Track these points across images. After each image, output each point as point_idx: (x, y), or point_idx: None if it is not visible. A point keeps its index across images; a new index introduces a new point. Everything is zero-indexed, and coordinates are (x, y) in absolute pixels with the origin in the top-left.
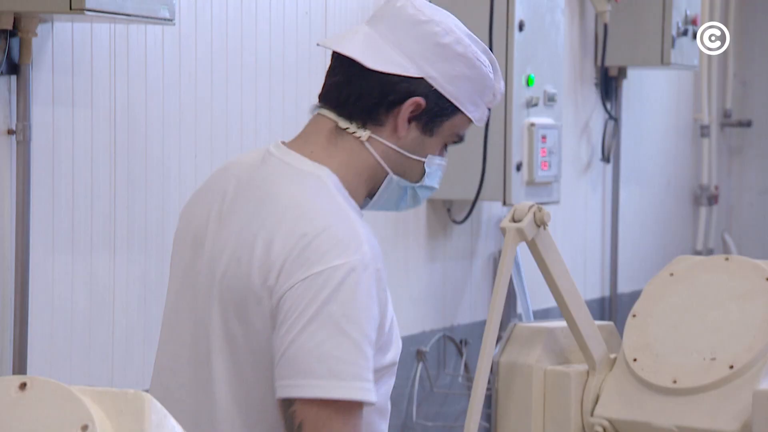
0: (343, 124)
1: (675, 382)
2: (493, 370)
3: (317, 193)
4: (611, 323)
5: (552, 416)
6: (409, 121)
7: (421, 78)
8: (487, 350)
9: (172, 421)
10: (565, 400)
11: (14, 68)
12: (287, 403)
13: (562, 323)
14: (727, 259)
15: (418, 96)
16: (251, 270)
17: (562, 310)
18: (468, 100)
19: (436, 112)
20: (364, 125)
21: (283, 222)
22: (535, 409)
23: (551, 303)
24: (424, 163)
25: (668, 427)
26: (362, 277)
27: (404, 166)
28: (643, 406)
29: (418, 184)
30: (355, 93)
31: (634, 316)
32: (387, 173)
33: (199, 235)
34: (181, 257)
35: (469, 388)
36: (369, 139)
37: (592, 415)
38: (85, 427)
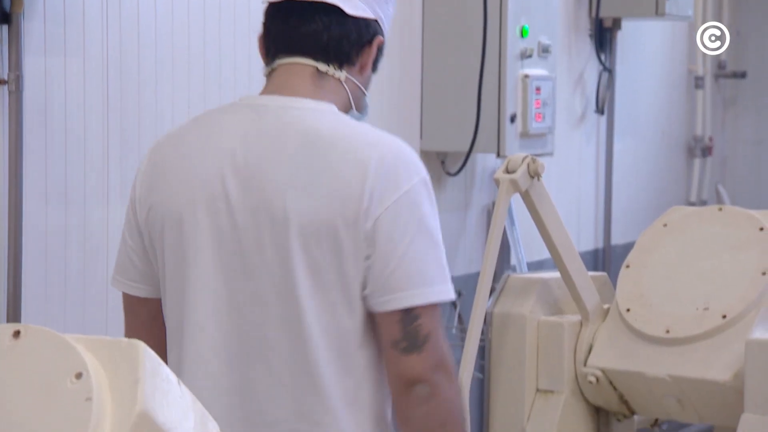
0: (322, 67)
1: (668, 332)
2: (487, 321)
3: (350, 123)
4: (604, 274)
5: (545, 366)
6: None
7: (376, 19)
8: (481, 301)
9: (167, 370)
10: (558, 350)
11: (6, 17)
12: (407, 314)
13: (556, 274)
14: (720, 209)
15: (379, 35)
16: (332, 201)
17: (555, 260)
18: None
19: (382, 50)
20: (340, 67)
21: (348, 152)
22: (529, 360)
23: (545, 255)
24: (366, 96)
25: (661, 377)
26: (431, 188)
27: (359, 102)
28: (636, 356)
29: (363, 117)
30: (335, 38)
31: (627, 266)
32: (352, 108)
33: (217, 195)
34: (197, 222)
35: (463, 339)
36: (345, 79)
37: (585, 365)
38: (79, 375)
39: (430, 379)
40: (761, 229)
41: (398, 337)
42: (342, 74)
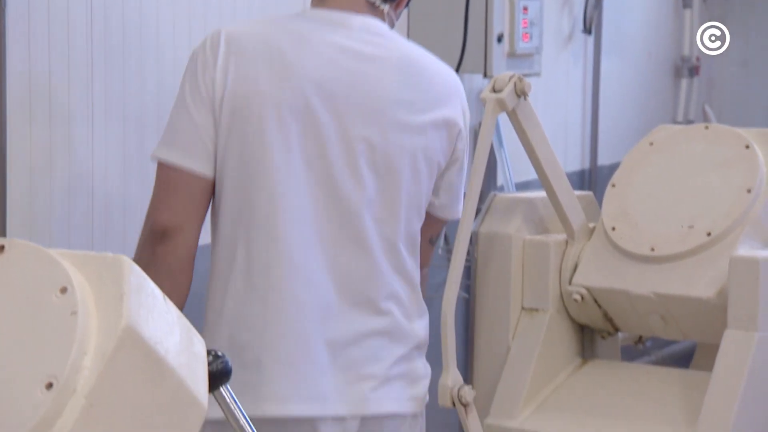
0: None
1: (653, 249)
2: (473, 241)
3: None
4: (590, 193)
5: (531, 285)
6: None
7: None
8: (467, 221)
9: (152, 285)
10: (543, 269)
11: None
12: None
13: (542, 193)
14: (707, 127)
15: None
16: (437, 120)
17: (541, 179)
18: None
19: None
20: (384, 1)
21: (438, 74)
22: (514, 279)
23: (532, 175)
24: None
25: (645, 294)
26: None
27: None
28: (621, 274)
29: None
30: None
31: (613, 185)
32: None
33: (309, 107)
34: (286, 125)
35: (449, 259)
36: (387, 12)
37: (570, 283)
38: (64, 290)
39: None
40: (747, 146)
41: (435, 237)
42: (386, 7)
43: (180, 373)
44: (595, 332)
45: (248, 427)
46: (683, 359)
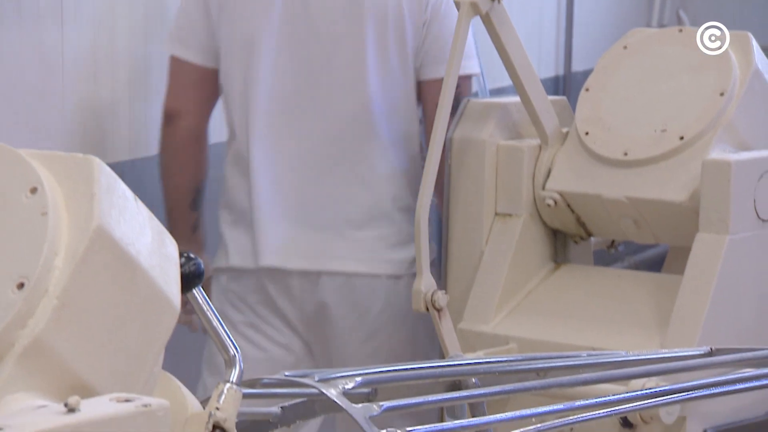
0: None
1: (626, 154)
2: (447, 146)
3: None
4: (564, 98)
5: (504, 190)
6: None
7: None
8: (440, 126)
9: (123, 186)
10: (517, 174)
11: None
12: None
13: (516, 99)
14: (681, 30)
15: None
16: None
17: (515, 84)
18: None
19: None
20: None
21: None
22: (488, 184)
23: (506, 81)
24: None
25: (618, 198)
26: None
27: None
28: (594, 179)
29: None
30: None
31: (587, 89)
32: None
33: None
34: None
35: (423, 166)
36: None
37: (543, 188)
38: (33, 190)
39: None
40: None
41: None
42: None
43: (152, 275)
44: (568, 237)
45: (221, 328)
46: (655, 265)
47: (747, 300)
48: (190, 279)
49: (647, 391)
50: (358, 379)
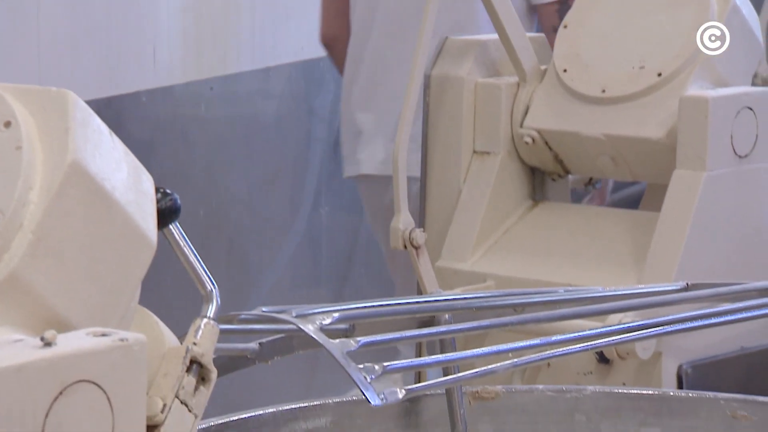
0: None
1: (604, 91)
2: (425, 84)
3: None
4: (542, 35)
5: (482, 128)
6: None
7: None
8: (418, 64)
9: (98, 120)
10: (495, 111)
11: None
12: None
13: (494, 36)
14: None
15: None
16: None
17: (493, 21)
18: None
19: None
20: None
21: None
22: (466, 122)
23: None
24: None
25: (596, 136)
26: None
27: None
28: (571, 116)
29: None
30: None
31: (565, 26)
32: None
33: None
34: None
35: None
36: None
37: (521, 126)
38: (7, 124)
39: None
40: None
41: (557, 24)
42: None
43: (128, 210)
44: (546, 175)
45: (198, 264)
46: (633, 205)
47: (723, 236)
48: (166, 214)
49: (623, 326)
50: (336, 315)
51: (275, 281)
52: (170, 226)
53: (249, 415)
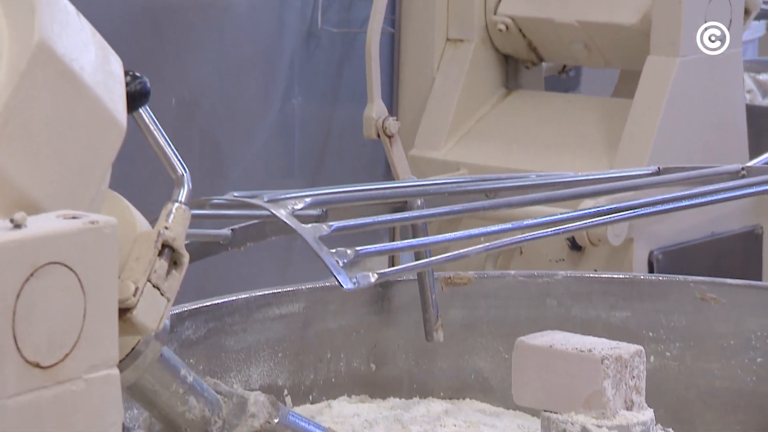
0: None
1: None
2: None
3: None
4: None
5: (456, 15)
6: None
7: None
8: None
9: (64, 0)
10: None
11: None
12: None
13: None
14: None
15: None
16: None
17: None
18: None
19: None
20: None
21: None
22: (439, 9)
23: None
24: None
25: (569, 23)
26: None
27: None
28: (545, 3)
29: None
30: None
31: None
32: None
33: None
34: None
35: None
36: None
37: (495, 13)
38: None
39: None
40: None
41: None
42: None
43: (96, 91)
44: (520, 62)
45: (168, 147)
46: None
47: (696, 121)
48: (136, 97)
49: (595, 209)
50: (308, 199)
51: (248, 171)
52: (140, 110)
53: (222, 300)
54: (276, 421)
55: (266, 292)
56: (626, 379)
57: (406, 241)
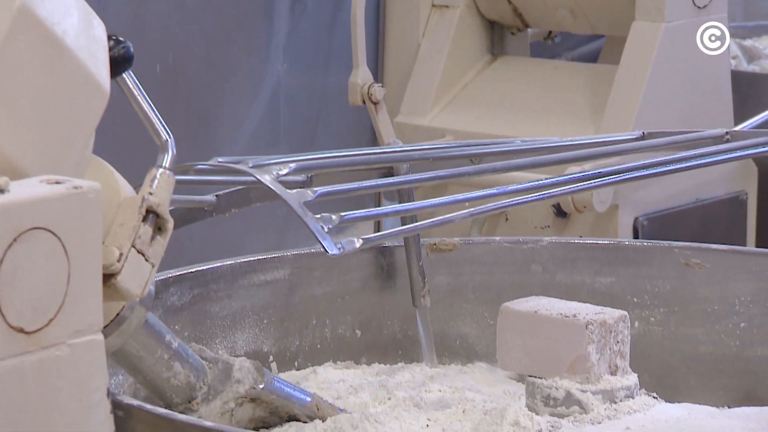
0: None
1: None
2: None
3: None
4: None
5: None
6: None
7: None
8: None
9: None
10: None
11: None
12: None
13: None
14: None
15: None
16: None
17: None
18: None
19: None
20: None
21: None
22: None
23: None
24: None
25: None
26: None
27: None
28: None
29: None
30: None
31: None
32: None
33: None
34: None
35: None
36: None
37: None
38: None
39: None
40: None
41: None
42: None
43: (79, 56)
44: (505, 29)
45: (153, 113)
46: (593, 61)
47: (681, 87)
48: (119, 62)
49: (580, 174)
50: (293, 165)
51: (233, 138)
52: (124, 75)
53: (207, 267)
54: (261, 386)
55: (251, 259)
56: (610, 344)
57: (391, 206)
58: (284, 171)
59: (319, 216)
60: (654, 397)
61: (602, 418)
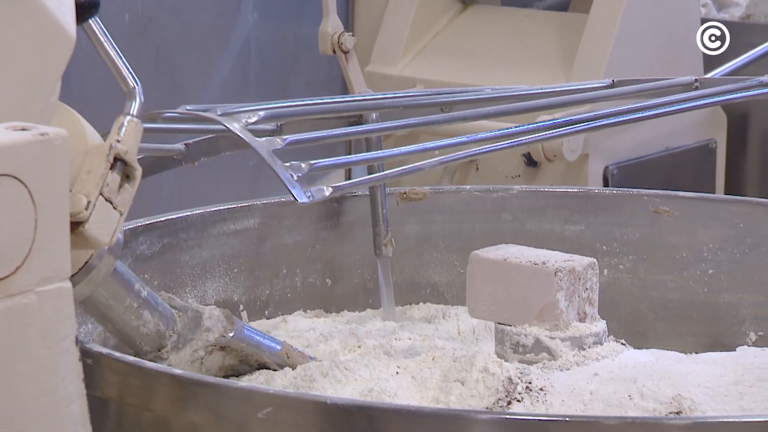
0: None
1: None
2: None
3: None
4: None
5: None
6: None
7: None
8: None
9: None
10: None
11: None
12: None
13: None
14: None
15: None
16: None
17: None
18: None
19: None
20: None
21: None
22: None
23: None
24: None
25: None
26: None
27: None
28: None
29: None
30: None
31: None
32: None
33: None
34: None
35: None
36: None
37: None
38: None
39: None
40: None
41: None
42: None
43: (44, 1)
44: None
45: (120, 61)
46: (563, 10)
47: (651, 36)
48: (85, 8)
49: (550, 121)
50: (262, 113)
51: (203, 88)
52: (90, 21)
53: (176, 216)
54: (231, 334)
55: (221, 208)
56: (579, 292)
57: (360, 154)
58: (253, 119)
59: (288, 164)
60: (622, 344)
61: (571, 365)
